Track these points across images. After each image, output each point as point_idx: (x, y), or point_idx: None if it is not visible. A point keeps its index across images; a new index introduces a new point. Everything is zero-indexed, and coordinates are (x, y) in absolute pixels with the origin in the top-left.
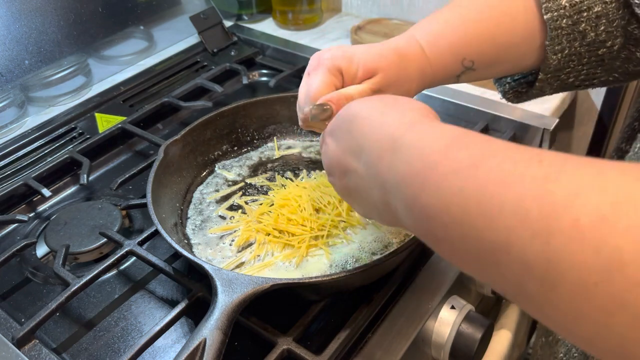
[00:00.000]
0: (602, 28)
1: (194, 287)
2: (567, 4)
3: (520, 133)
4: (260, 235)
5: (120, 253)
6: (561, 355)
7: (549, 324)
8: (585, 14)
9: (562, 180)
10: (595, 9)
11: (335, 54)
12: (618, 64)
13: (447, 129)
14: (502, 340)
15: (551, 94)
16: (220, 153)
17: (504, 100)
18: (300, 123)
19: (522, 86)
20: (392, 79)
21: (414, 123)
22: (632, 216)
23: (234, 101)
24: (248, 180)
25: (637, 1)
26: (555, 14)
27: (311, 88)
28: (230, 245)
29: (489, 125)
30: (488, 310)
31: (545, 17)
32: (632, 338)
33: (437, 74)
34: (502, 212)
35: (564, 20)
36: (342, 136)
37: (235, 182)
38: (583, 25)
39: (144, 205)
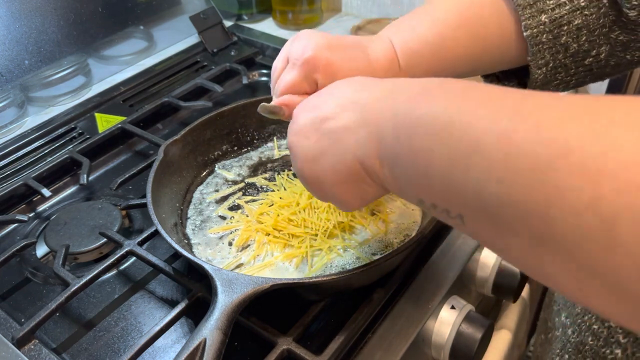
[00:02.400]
0: (584, 39)
1: (194, 287)
2: (546, 20)
3: None
4: (260, 235)
5: (120, 253)
6: (557, 350)
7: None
8: (565, 27)
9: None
10: (576, 22)
11: (318, 64)
12: (608, 70)
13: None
14: (502, 340)
15: None
16: (220, 153)
17: None
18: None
19: (510, 80)
20: None
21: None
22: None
23: (234, 101)
24: (248, 180)
25: (627, 4)
26: (535, 30)
27: (281, 84)
28: (230, 245)
29: None
30: (488, 310)
31: (525, 34)
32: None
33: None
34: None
35: (545, 35)
36: (323, 98)
37: (235, 182)
38: (564, 38)
39: (144, 205)
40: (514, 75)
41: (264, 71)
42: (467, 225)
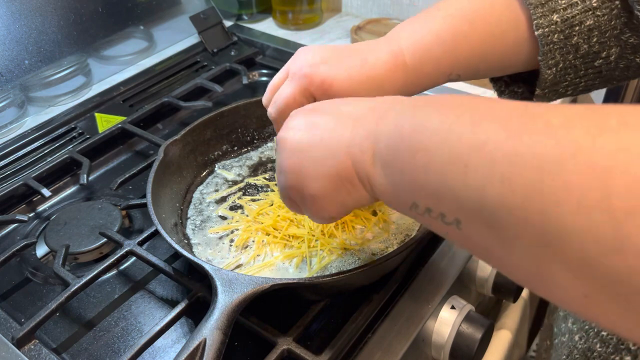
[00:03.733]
0: (595, 40)
1: (194, 287)
2: (558, 20)
3: None
4: (260, 235)
5: (120, 253)
6: (564, 357)
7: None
8: (577, 27)
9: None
10: (588, 23)
11: (314, 79)
12: (617, 74)
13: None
14: (502, 340)
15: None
16: (220, 153)
17: None
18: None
19: (519, 86)
20: None
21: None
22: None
23: (234, 101)
24: (248, 180)
25: (638, 6)
26: (547, 29)
27: (279, 97)
28: (230, 245)
29: None
30: (488, 310)
31: (536, 33)
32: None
33: (418, 86)
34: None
35: (556, 35)
36: (323, 104)
37: (235, 182)
38: (575, 38)
39: (144, 205)
40: (522, 81)
41: (264, 71)
42: (464, 230)
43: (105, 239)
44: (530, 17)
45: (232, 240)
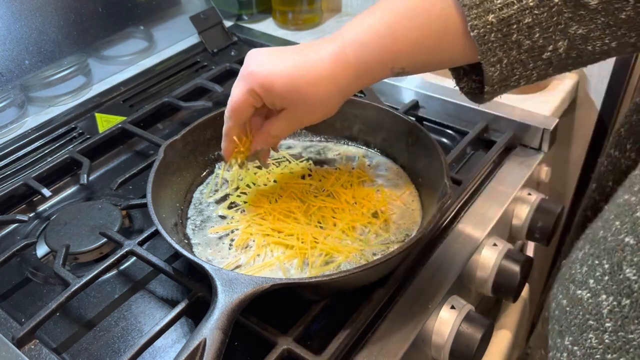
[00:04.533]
0: (537, 35)
1: (194, 287)
2: (494, 20)
3: (520, 133)
4: (260, 236)
5: (121, 253)
6: None
7: None
8: (515, 26)
9: None
10: (525, 21)
11: (257, 78)
12: (570, 62)
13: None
14: (502, 340)
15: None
16: (221, 153)
17: (504, 100)
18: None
19: (477, 75)
20: (308, 108)
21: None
22: None
23: None
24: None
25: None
26: (482, 30)
27: (231, 99)
28: (230, 245)
29: (489, 125)
30: (488, 310)
31: (472, 34)
32: None
33: (364, 82)
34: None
35: (492, 35)
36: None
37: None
38: (515, 36)
39: (144, 205)
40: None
41: None
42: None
43: (105, 239)
44: (464, 19)
45: (232, 240)
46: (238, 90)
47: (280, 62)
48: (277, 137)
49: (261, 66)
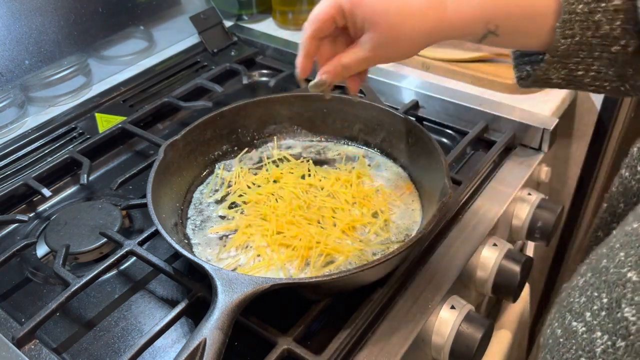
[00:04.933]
0: (619, 23)
1: (194, 287)
2: None
3: (520, 133)
4: (259, 236)
5: (121, 253)
6: None
7: None
8: (603, 4)
9: None
10: (615, 2)
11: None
12: (631, 72)
13: None
14: (502, 340)
15: (559, 85)
16: (220, 153)
17: (504, 100)
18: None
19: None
20: (389, 38)
21: None
22: None
23: (234, 101)
24: (248, 180)
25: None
26: None
27: (315, 10)
28: (231, 245)
29: (489, 125)
30: (488, 310)
31: None
32: None
33: (455, 32)
34: None
35: (580, 6)
36: None
37: (235, 182)
38: (599, 15)
39: (144, 205)
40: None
41: (264, 71)
42: None
43: (105, 239)
44: None
45: (232, 240)
46: (320, 5)
47: None
48: (347, 68)
49: None
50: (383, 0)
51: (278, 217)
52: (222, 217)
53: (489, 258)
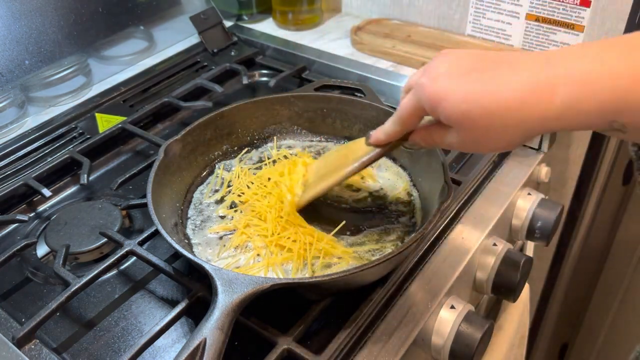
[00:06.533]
0: None
1: (194, 287)
2: None
3: None
4: (259, 236)
5: (121, 253)
6: None
7: None
8: None
9: None
10: None
11: (425, 92)
12: None
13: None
14: (502, 340)
15: None
16: (220, 153)
17: None
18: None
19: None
20: (481, 140)
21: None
22: None
23: (234, 101)
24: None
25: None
26: None
27: (401, 109)
28: (230, 245)
29: None
30: (488, 310)
31: None
32: None
33: (565, 128)
34: None
35: None
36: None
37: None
38: None
39: (144, 205)
40: None
41: (264, 71)
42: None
43: (105, 239)
44: None
45: (232, 240)
46: (408, 99)
47: (459, 78)
48: (438, 145)
49: (435, 81)
50: (467, 97)
51: (277, 216)
52: (222, 217)
53: (489, 258)
